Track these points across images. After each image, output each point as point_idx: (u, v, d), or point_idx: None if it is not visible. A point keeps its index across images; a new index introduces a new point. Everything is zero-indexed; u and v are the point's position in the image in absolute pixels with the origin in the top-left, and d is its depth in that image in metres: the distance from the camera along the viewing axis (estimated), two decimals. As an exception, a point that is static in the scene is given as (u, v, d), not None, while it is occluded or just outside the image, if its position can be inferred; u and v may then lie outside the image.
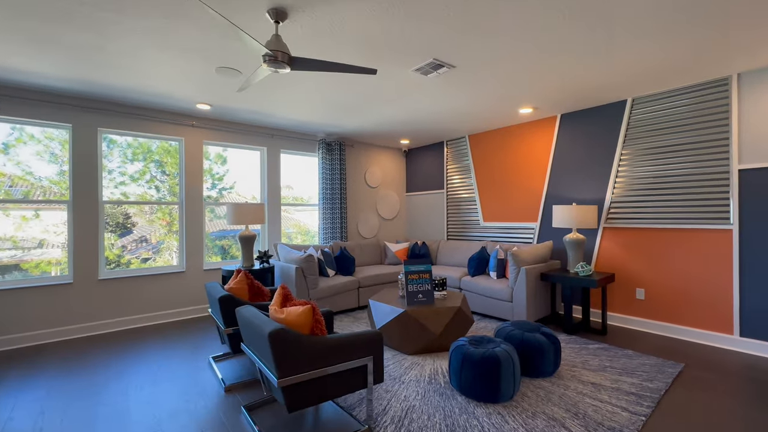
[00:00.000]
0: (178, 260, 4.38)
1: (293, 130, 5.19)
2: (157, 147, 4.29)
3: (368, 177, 6.08)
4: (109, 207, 4.03)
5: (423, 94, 3.67)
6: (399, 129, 5.13)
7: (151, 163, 4.31)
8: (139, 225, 4.12)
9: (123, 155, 4.02)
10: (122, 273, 3.99)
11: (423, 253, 5.48)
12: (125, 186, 4.15)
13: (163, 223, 4.23)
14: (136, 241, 4.05)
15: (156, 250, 4.15)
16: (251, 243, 4.11)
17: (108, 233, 4.02)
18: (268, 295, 2.90)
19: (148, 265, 4.22)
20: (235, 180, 4.81)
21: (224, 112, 4.29)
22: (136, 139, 4.14)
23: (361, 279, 4.59)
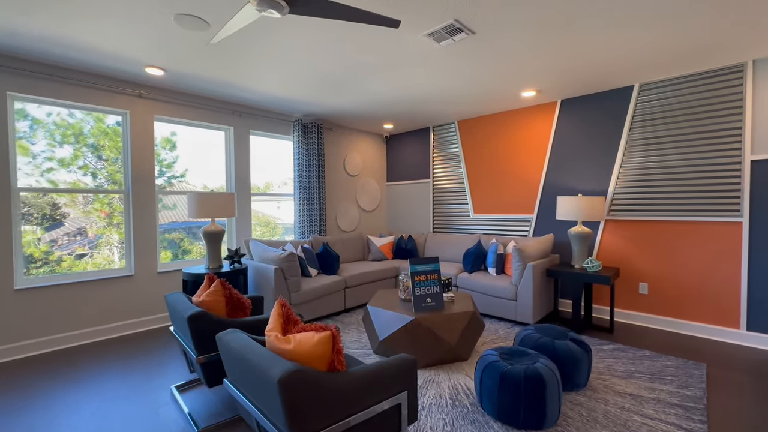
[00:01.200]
0: (123, 261, 3.58)
1: (266, 108, 4.49)
2: (92, 128, 3.43)
3: (348, 164, 5.52)
4: (32, 197, 3.16)
5: (425, 67, 3.20)
6: (385, 111, 4.62)
7: (84, 147, 3.45)
8: (71, 217, 3.43)
9: (50, 137, 3.13)
10: (48, 280, 3.15)
11: (410, 247, 5.07)
12: (54, 173, 3.28)
13: (101, 215, 3.50)
14: (69, 234, 3.42)
15: (93, 244, 3.48)
16: (218, 240, 3.44)
17: (32, 226, 3.16)
18: (249, 308, 2.32)
19: (86, 265, 3.40)
20: (187, 167, 4.02)
21: (182, 81, 3.52)
22: (64, 119, 3.25)
23: (348, 278, 4.08)
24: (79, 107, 3.31)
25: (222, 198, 3.34)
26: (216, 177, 4.26)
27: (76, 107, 3.30)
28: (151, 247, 3.65)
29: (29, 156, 3.00)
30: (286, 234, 5.07)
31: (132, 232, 3.55)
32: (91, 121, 3.46)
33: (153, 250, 3.66)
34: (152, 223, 3.66)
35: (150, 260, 3.64)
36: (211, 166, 4.23)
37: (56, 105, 3.21)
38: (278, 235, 5.02)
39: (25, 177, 3.09)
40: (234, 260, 3.46)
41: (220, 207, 3.33)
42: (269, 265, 3.49)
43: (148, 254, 3.63)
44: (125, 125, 3.56)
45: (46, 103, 3.15)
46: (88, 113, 3.39)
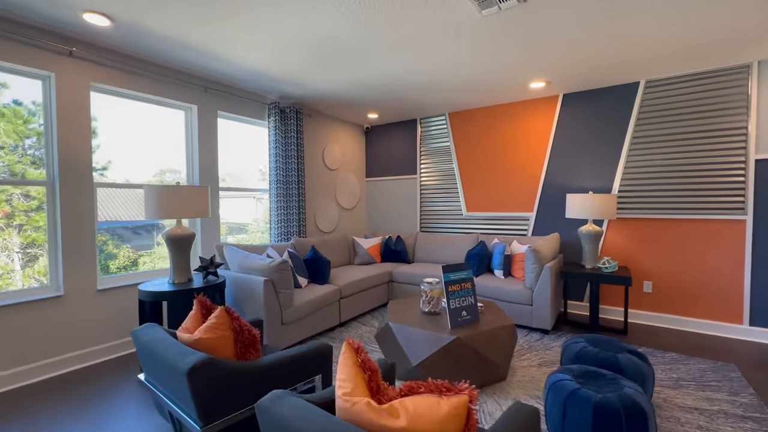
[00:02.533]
0: (46, 276, 2.66)
1: (238, 86, 3.72)
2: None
3: (327, 157, 4.91)
4: None
5: (452, 42, 2.78)
6: (375, 97, 4.12)
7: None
8: None
9: None
10: (-75, 309, 2.17)
11: (399, 248, 4.63)
12: None
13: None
14: None
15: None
16: (187, 247, 2.68)
17: None
18: (259, 341, 1.70)
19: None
20: (110, 159, 3.02)
21: (134, 39, 2.69)
22: None
23: (343, 287, 3.52)
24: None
25: (192, 193, 2.60)
26: (149, 170, 3.40)
27: (-31, 62, 2.32)
28: (87, 256, 2.75)
29: None
30: (230, 235, 4.34)
31: (59, 238, 2.64)
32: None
33: (90, 260, 2.76)
34: (89, 224, 2.76)
35: (86, 274, 2.74)
36: (153, 156, 3.36)
37: (-64, 55, 2.22)
38: (248, 239, 4.26)
39: None
40: (209, 271, 2.73)
41: (191, 205, 2.58)
42: (256, 277, 2.82)
43: (83, 266, 2.73)
44: (48, 93, 2.62)
45: None
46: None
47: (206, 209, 2.69)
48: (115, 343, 2.89)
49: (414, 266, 4.30)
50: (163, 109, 3.32)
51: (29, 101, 2.63)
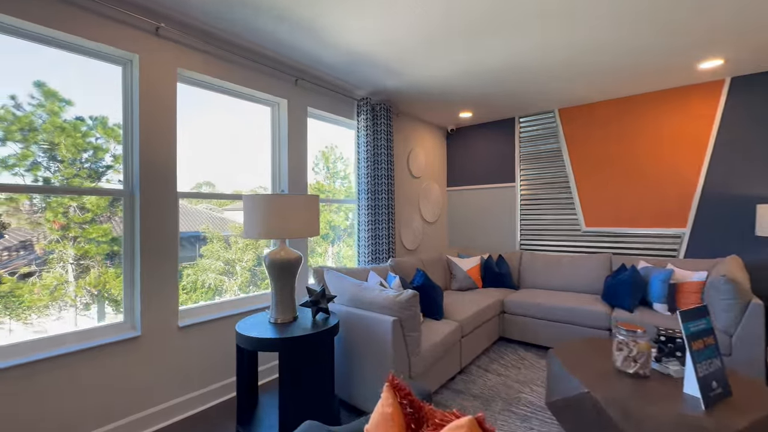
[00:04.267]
0: (98, 287, 2.12)
1: (327, 76, 3.14)
2: (45, 122, 2.22)
3: (412, 163, 4.26)
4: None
5: (594, 13, 2.05)
6: (473, 91, 3.43)
7: (34, 146, 2.22)
8: (12, 228, 2.58)
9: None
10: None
11: (503, 271, 3.86)
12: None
13: (54, 227, 2.52)
14: (9, 249, 2.58)
15: (42, 261, 2.58)
16: (293, 275, 2.05)
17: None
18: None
19: (32, 287, 1.94)
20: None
21: (229, 11, 2.15)
22: (9, 109, 1.91)
23: (463, 323, 2.78)
24: (48, 38, 1.86)
25: (302, 204, 1.98)
26: (226, 178, 2.86)
27: (44, 38, 1.84)
28: (168, 284, 2.19)
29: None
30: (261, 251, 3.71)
31: (138, 260, 2.09)
32: (44, 114, 2.26)
33: (171, 289, 2.20)
34: (171, 243, 2.21)
35: (166, 307, 2.17)
36: (231, 160, 2.82)
37: (11, 30, 1.74)
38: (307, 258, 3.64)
39: None
40: (320, 307, 2.08)
41: (301, 219, 1.96)
42: (378, 315, 2.14)
43: (164, 297, 2.16)
44: (128, 81, 2.12)
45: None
46: (46, 95, 1.97)
47: (317, 225, 2.06)
48: (200, 393, 2.29)
49: (528, 294, 3.50)
50: (246, 105, 2.79)
51: (93, 110, 2.14)
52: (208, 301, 2.48)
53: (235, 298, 2.66)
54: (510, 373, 2.77)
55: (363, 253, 3.45)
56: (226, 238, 5.85)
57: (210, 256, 5.28)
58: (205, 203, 3.04)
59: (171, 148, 2.20)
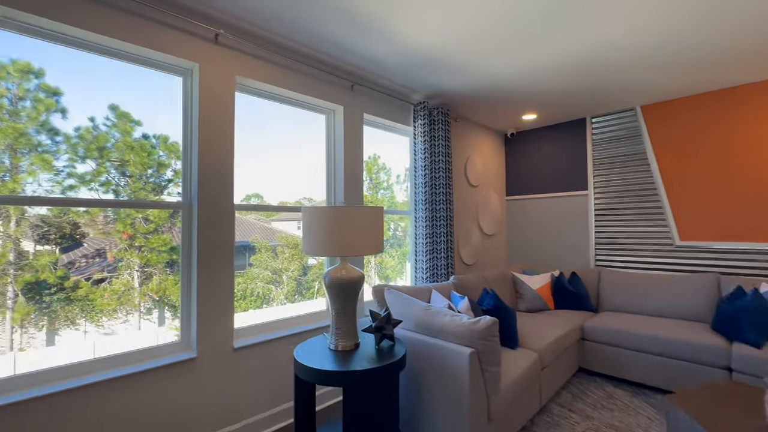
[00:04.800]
0: (159, 293, 2.04)
1: (383, 80, 2.97)
2: (117, 141, 2.38)
3: (469, 170, 3.95)
4: (54, 215, 2.03)
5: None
6: (543, 88, 3.07)
7: (107, 163, 2.41)
8: (89, 237, 2.87)
9: (72, 151, 2.09)
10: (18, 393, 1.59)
11: (579, 291, 3.39)
12: (74, 191, 2.27)
13: (123, 237, 2.74)
14: (87, 256, 2.85)
15: (113, 268, 2.85)
16: (355, 296, 1.83)
17: (50, 246, 2.12)
18: None
19: (101, 292, 1.96)
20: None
21: (290, 12, 2.04)
22: (89, 130, 2.06)
23: (542, 353, 2.41)
24: (108, 50, 1.83)
25: (368, 217, 1.76)
26: (276, 190, 2.73)
27: (108, 51, 1.82)
28: (224, 301, 2.07)
29: (52, 171, 2.22)
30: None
31: (194, 275, 1.99)
32: (117, 133, 2.42)
33: (226, 306, 2.08)
34: (227, 257, 2.10)
35: (222, 326, 2.05)
36: (283, 171, 2.69)
37: (69, 41, 1.73)
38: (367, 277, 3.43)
39: (45, 194, 1.89)
40: (384, 334, 1.84)
41: (366, 234, 1.75)
42: (451, 345, 1.85)
43: (220, 316, 2.04)
44: (189, 92, 2.06)
45: (47, 37, 1.67)
46: (119, 116, 1.98)
47: (382, 240, 1.84)
48: (254, 420, 2.13)
49: (612, 319, 3.02)
50: (300, 114, 2.67)
51: (156, 127, 2.11)
52: (261, 320, 2.34)
53: (291, 316, 2.50)
54: (601, 416, 2.33)
55: (420, 269, 3.18)
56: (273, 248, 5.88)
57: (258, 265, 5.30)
58: (253, 214, 3.04)
59: (228, 160, 2.10)
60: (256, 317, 2.50)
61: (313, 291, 6.89)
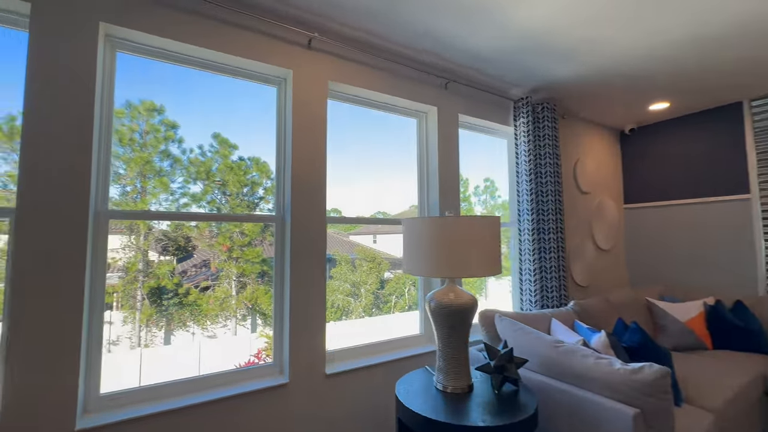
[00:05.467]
0: (252, 301, 1.98)
1: (480, 75, 2.63)
2: (219, 165, 2.55)
3: (579, 174, 3.36)
4: (172, 230, 2.35)
5: None
6: (681, 69, 2.40)
7: (212, 184, 2.97)
8: (198, 249, 3.34)
9: (186, 174, 2.68)
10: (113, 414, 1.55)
11: (750, 326, 2.56)
12: (187, 208, 2.52)
13: (223, 249, 3.14)
14: (196, 266, 3.35)
15: (215, 277, 3.33)
16: (466, 325, 1.50)
17: (169, 256, 2.59)
18: None
19: (206, 299, 1.94)
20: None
21: (386, 8, 1.85)
22: (197, 156, 2.33)
23: (718, 413, 1.76)
24: (207, 63, 1.83)
25: (482, 228, 1.43)
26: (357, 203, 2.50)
27: (194, 62, 1.82)
28: (315, 320, 1.90)
29: (168, 192, 2.65)
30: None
31: (287, 291, 1.86)
32: (219, 158, 2.61)
33: (318, 326, 1.90)
34: (319, 272, 1.94)
35: (314, 348, 1.87)
36: (368, 183, 2.47)
37: (161, 55, 1.75)
38: (407, 287, 3.07)
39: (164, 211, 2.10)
40: (506, 376, 1.47)
41: (483, 251, 1.41)
42: (606, 401, 1.40)
43: (309, 336, 1.87)
44: (283, 100, 2.00)
45: (146, 52, 1.70)
46: (220, 143, 2.07)
47: (499, 258, 1.48)
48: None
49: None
50: (389, 120, 2.47)
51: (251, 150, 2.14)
52: (353, 344, 2.12)
53: (384, 340, 2.25)
54: None
55: (527, 290, 2.71)
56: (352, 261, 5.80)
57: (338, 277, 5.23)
58: (332, 228, 3.05)
59: (320, 170, 1.97)
60: (339, 331, 2.35)
61: (390, 305, 6.71)
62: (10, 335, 1.25)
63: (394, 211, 2.66)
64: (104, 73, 1.57)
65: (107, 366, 1.47)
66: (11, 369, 1.24)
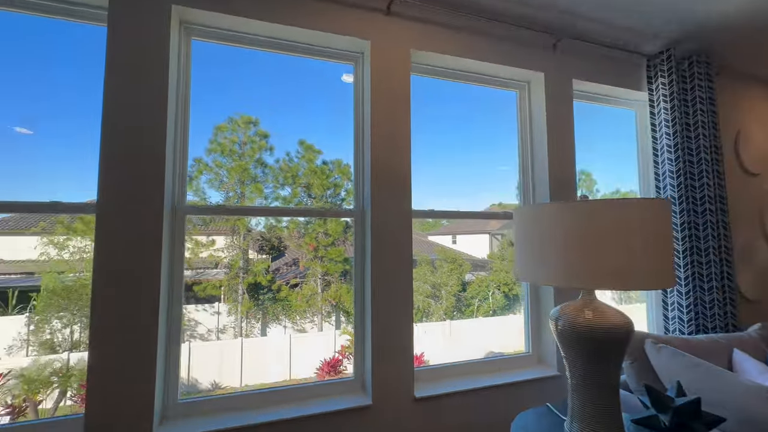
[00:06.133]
0: (336, 299, 2.03)
1: (600, 29, 2.07)
2: (305, 169, 3.34)
3: (742, 149, 2.50)
4: (268, 230, 3.34)
5: None
6: None
7: (299, 188, 3.33)
8: (289, 249, 3.78)
9: (275, 180, 3.18)
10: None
11: None
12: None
13: (309, 248, 3.51)
14: (287, 264, 3.74)
15: (303, 275, 3.66)
16: (614, 356, 1.04)
17: (265, 255, 3.40)
18: None
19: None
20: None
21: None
22: (287, 163, 3.01)
23: None
24: (279, 43, 1.66)
25: (644, 216, 0.97)
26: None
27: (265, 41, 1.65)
28: (400, 326, 1.60)
29: (263, 197, 2.97)
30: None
31: (368, 292, 1.60)
32: (305, 163, 3.29)
33: (403, 332, 1.60)
34: (405, 269, 1.63)
35: (401, 364, 1.57)
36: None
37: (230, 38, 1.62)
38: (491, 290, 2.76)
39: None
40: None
41: (646, 249, 0.95)
42: None
43: (393, 343, 1.58)
44: (360, 77, 1.75)
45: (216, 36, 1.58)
46: (305, 149, 2.57)
47: (671, 261, 1.00)
48: (437, 502, 1.56)
49: None
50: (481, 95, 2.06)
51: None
52: (444, 361, 1.78)
53: (486, 359, 1.86)
54: None
55: (675, 305, 2.04)
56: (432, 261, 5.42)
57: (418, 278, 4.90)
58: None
59: (404, 155, 1.66)
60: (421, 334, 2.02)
61: (473, 308, 6.21)
62: (93, 340, 1.20)
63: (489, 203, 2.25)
64: (180, 61, 1.49)
65: (210, 355, 1.41)
66: (93, 375, 1.19)
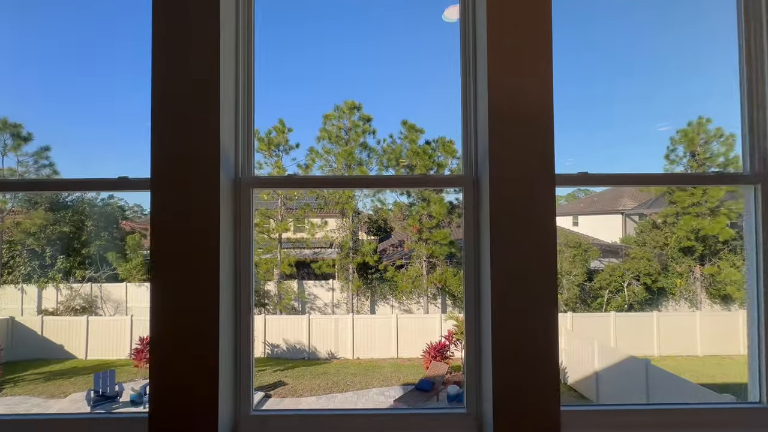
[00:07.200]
0: (442, 282, 2.59)
1: None
2: (407, 150, 3.54)
3: None
4: (375, 213, 3.65)
5: None
6: None
7: (402, 170, 3.54)
8: (395, 231, 3.92)
9: (379, 162, 3.40)
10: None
11: None
12: (382, 193, 3.55)
13: (413, 230, 3.67)
14: (393, 246, 3.90)
15: (408, 257, 3.80)
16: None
17: (373, 237, 3.64)
18: None
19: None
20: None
21: None
22: (389, 144, 3.53)
23: None
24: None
25: None
26: None
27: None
28: (537, 331, 1.16)
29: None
30: None
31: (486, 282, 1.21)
32: (407, 144, 3.47)
33: (543, 342, 1.16)
34: (548, 243, 1.19)
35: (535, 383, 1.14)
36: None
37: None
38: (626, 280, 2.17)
39: (363, 197, 3.39)
40: None
41: None
42: None
43: (527, 357, 1.15)
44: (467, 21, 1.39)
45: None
46: (408, 129, 2.48)
47: None
48: None
49: None
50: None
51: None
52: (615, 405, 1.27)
53: (681, 407, 1.29)
54: None
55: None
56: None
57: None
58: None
59: (542, 88, 1.23)
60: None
61: (602, 301, 5.17)
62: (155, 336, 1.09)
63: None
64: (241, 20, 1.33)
65: (326, 327, 1.26)
66: (153, 379, 1.07)
